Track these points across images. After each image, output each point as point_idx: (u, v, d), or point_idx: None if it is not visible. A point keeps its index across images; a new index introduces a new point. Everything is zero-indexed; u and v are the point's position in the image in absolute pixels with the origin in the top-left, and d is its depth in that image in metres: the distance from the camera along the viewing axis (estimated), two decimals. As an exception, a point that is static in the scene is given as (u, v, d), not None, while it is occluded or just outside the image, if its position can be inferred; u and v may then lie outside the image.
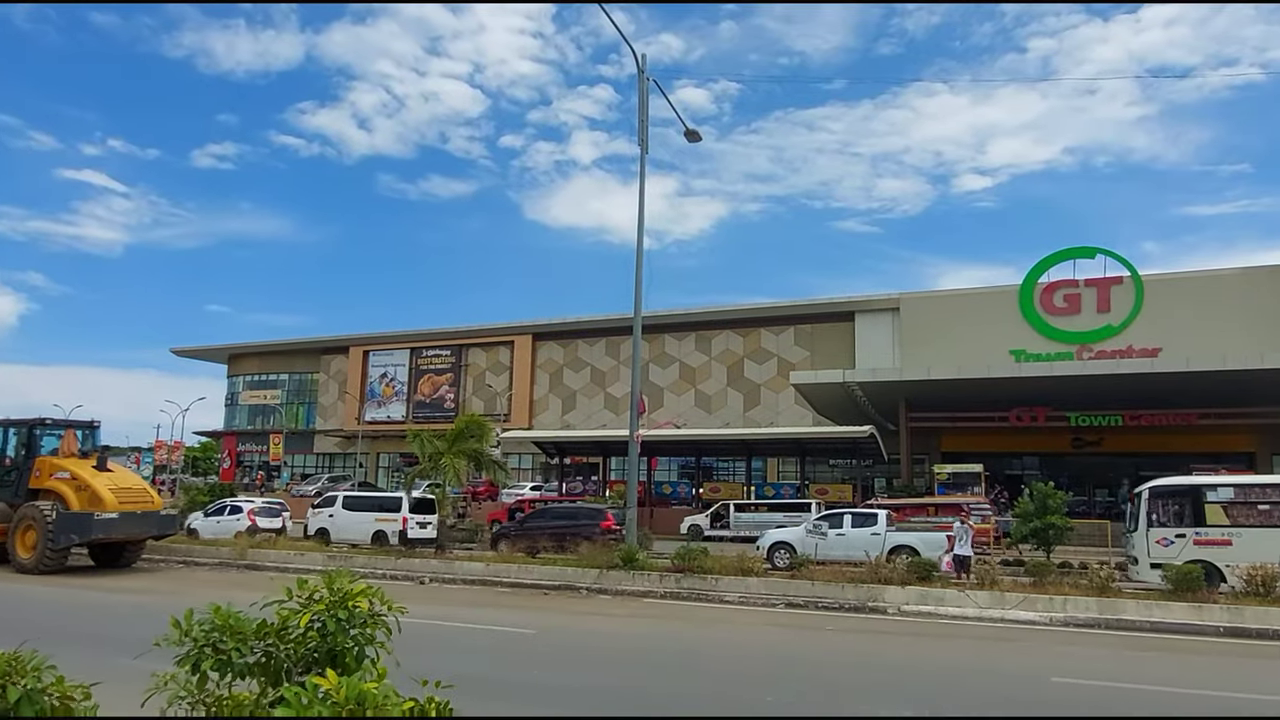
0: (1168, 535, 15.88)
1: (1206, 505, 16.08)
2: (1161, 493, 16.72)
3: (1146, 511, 16.32)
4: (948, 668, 9.77)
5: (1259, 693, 8.51)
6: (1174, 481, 17.20)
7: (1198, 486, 16.71)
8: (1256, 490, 16.38)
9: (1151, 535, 16.05)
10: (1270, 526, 15.47)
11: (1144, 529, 16.21)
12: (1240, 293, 35.83)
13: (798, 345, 44.71)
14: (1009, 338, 38.36)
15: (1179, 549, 15.55)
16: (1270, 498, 16.03)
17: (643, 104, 19.12)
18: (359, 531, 23.65)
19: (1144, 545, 16.07)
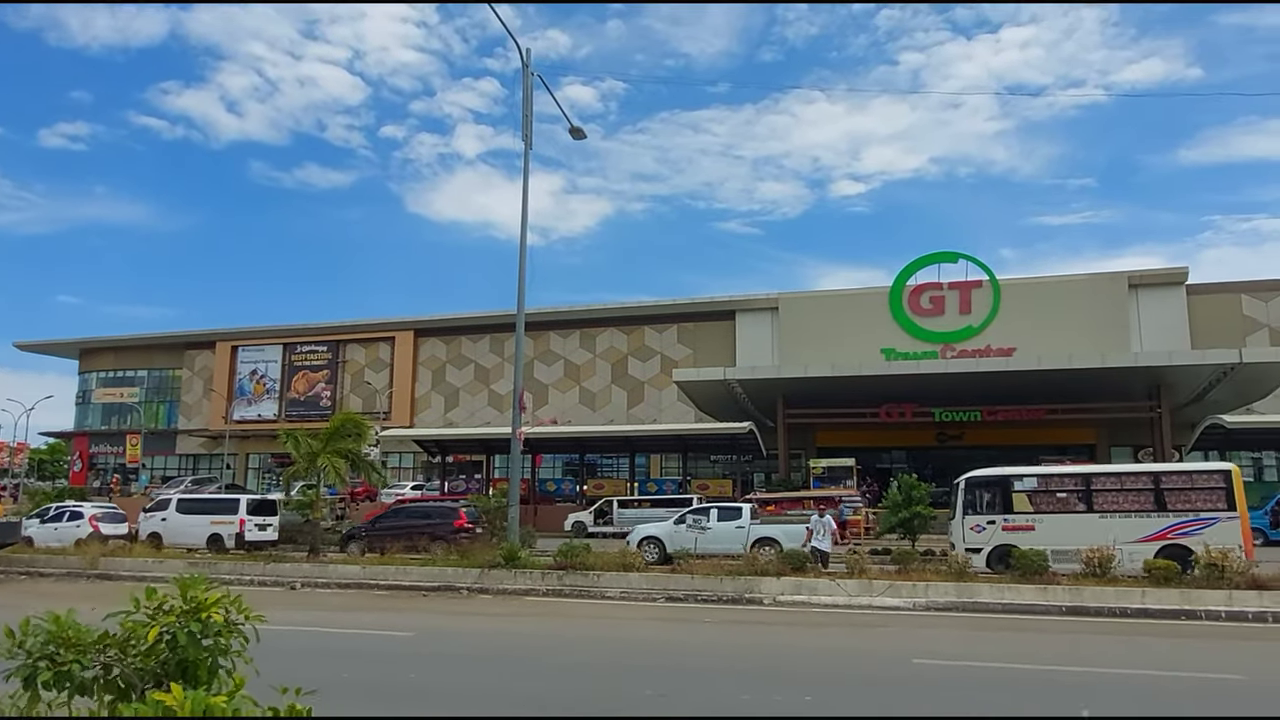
0: (980, 522, 17.14)
1: (1014, 494, 17.36)
2: (975, 483, 17.94)
3: (962, 500, 17.56)
4: (818, 653, 10.18)
5: (1095, 665, 9.23)
6: (985, 473, 18.43)
7: (1006, 477, 17.91)
8: (1056, 480, 17.78)
9: (966, 522, 17.28)
10: (1067, 513, 16.88)
11: (960, 516, 17.43)
12: (1085, 297, 38.77)
13: (681, 343, 45.40)
14: (880, 337, 40.17)
15: (989, 535, 16.86)
16: (1067, 486, 17.44)
17: (527, 99, 18.98)
18: (193, 535, 22.57)
19: (960, 531, 17.32)
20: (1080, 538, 15.60)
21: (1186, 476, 17.30)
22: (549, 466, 43.34)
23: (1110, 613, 12.80)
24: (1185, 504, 16.39)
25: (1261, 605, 12.44)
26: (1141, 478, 17.34)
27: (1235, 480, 16.39)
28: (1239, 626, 11.99)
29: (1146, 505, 16.58)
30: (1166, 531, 16.11)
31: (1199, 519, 16.06)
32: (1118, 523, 16.30)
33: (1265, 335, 37.17)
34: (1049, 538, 16.06)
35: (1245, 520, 16.17)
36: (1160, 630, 11.69)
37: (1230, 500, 16.20)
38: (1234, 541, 15.35)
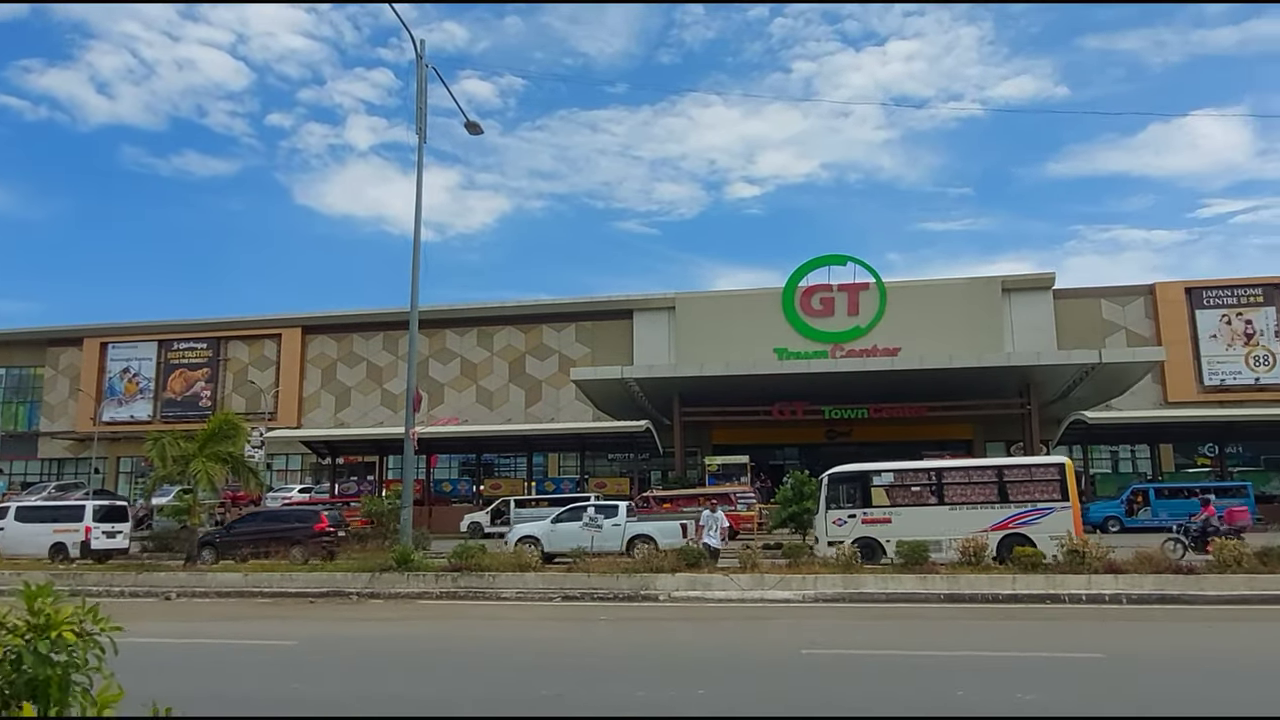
0: (841, 516, 17.98)
1: (873, 488, 18.24)
2: (837, 479, 18.72)
3: (825, 496, 18.32)
4: (712, 647, 10.35)
5: (970, 649, 9.72)
6: (846, 469, 19.28)
7: (865, 472, 18.75)
8: (910, 475, 18.66)
9: (829, 516, 18.05)
10: (921, 505, 17.87)
11: (823, 511, 18.19)
12: (964, 300, 40.77)
13: (579, 342, 45.32)
14: (773, 337, 41.18)
15: (850, 528, 17.67)
16: (921, 481, 18.40)
17: (421, 91, 18.56)
18: (35, 545, 21.18)
19: (823, 525, 18.07)
20: (933, 528, 16.62)
21: (1026, 470, 18.40)
22: (445, 467, 42.53)
23: (984, 599, 13.49)
24: (1025, 495, 17.60)
25: (1117, 588, 13.37)
26: (986, 471, 18.55)
27: (1068, 473, 17.71)
28: (1097, 608, 12.85)
29: (991, 497, 17.73)
30: (1009, 521, 17.28)
31: (1037, 509, 17.31)
32: (966, 513, 17.43)
33: (1123, 337, 39.99)
34: (905, 529, 16.97)
35: (1076, 509, 17.57)
36: (1029, 614, 12.41)
37: (1064, 491, 17.49)
38: (1066, 529, 16.70)
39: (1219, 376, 39.36)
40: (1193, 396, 38.80)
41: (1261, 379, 39.07)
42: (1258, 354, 39.32)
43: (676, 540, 19.73)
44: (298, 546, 19.23)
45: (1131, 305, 40.97)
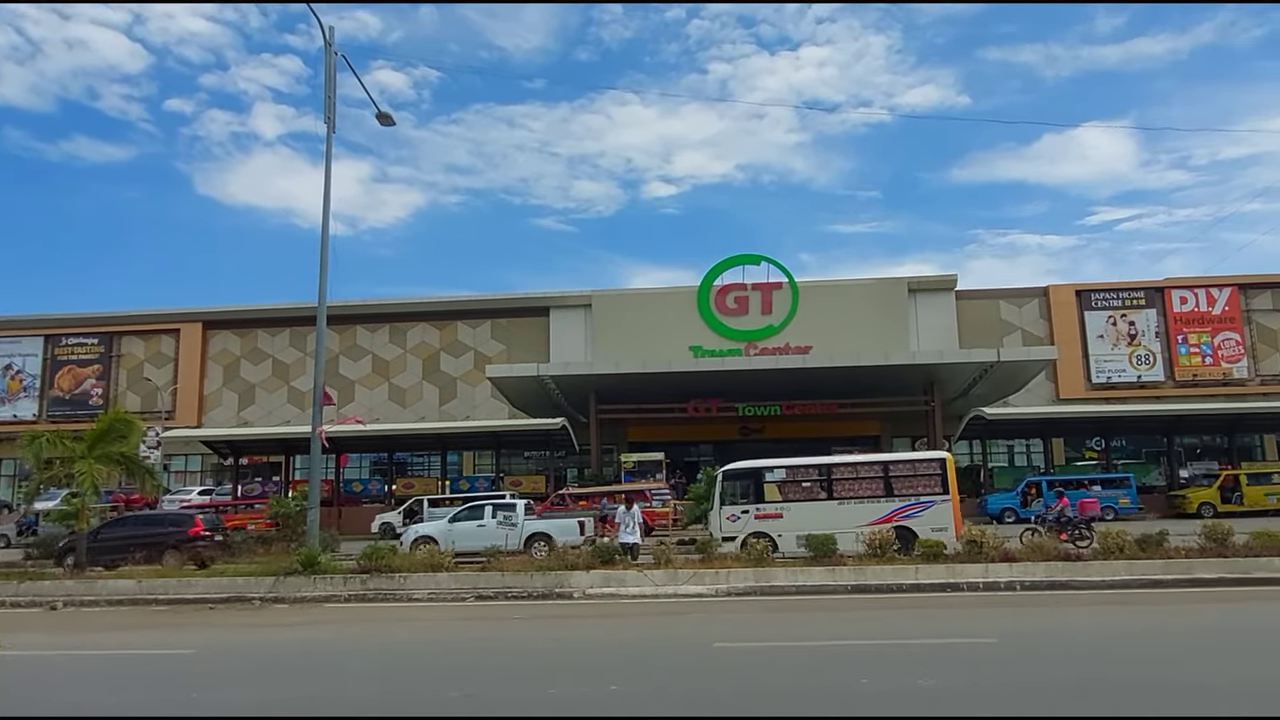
0: (735, 512, 18.45)
1: (765, 485, 18.75)
2: (732, 475, 19.15)
3: (719, 492, 18.72)
4: (625, 643, 10.40)
5: (876, 638, 10.04)
6: (740, 466, 19.73)
7: (758, 469, 19.20)
8: (801, 471, 19.18)
9: (723, 512, 18.46)
10: (811, 500, 18.44)
11: (717, 507, 18.59)
12: (872, 300, 42.04)
13: (494, 339, 44.88)
14: (689, 335, 41.63)
15: (744, 523, 18.15)
16: (811, 476, 18.98)
17: (329, 79, 18.04)
18: None
19: (717, 521, 18.46)
20: (823, 523, 17.07)
21: (910, 465, 19.10)
22: (355, 466, 41.49)
23: (889, 589, 13.95)
24: (909, 489, 18.36)
25: (1011, 575, 14.03)
26: (873, 467, 19.15)
27: (949, 468, 18.54)
28: (994, 595, 13.46)
29: (877, 491, 18.44)
30: (894, 514, 18.02)
31: (920, 502, 18.12)
32: (854, 508, 18.10)
33: (1019, 337, 41.93)
34: (796, 524, 17.51)
35: (955, 502, 18.41)
36: (931, 602, 12.89)
37: (945, 485, 18.32)
38: (948, 521, 17.63)
39: (1105, 375, 41.70)
40: (1082, 393, 41.00)
41: (1143, 377, 41.58)
42: (1140, 353, 41.83)
43: (574, 538, 19.91)
44: (171, 552, 18.49)
45: (1027, 306, 42.99)
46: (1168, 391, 40.85)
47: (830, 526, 16.61)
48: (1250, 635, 9.90)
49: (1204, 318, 41.86)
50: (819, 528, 16.62)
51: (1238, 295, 42.04)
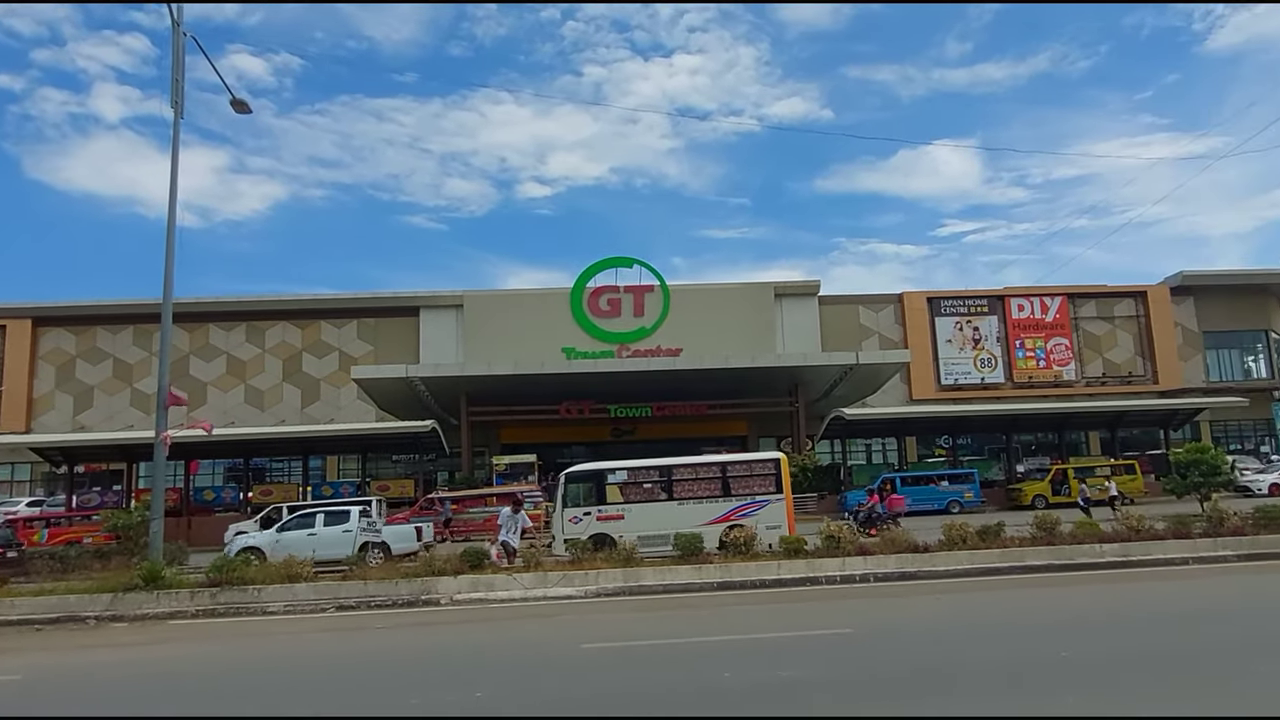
0: (577, 514, 18.63)
1: (607, 486, 19.00)
2: (573, 477, 19.28)
3: (561, 495, 18.87)
4: (492, 647, 10.28)
5: (738, 633, 10.32)
6: (582, 468, 19.97)
7: (600, 471, 19.49)
8: (643, 472, 19.49)
9: (565, 515, 18.60)
10: (653, 501, 18.85)
11: (560, 509, 18.74)
12: (740, 304, 43.25)
13: (361, 339, 43.40)
14: (562, 336, 41.58)
15: (586, 525, 18.41)
16: (653, 477, 19.32)
17: (177, 61, 16.94)
18: None
19: (559, 524, 18.60)
20: (664, 523, 17.56)
21: (746, 465, 19.60)
22: (208, 473, 39.19)
23: (754, 585, 14.36)
24: (746, 489, 18.96)
25: (866, 568, 14.75)
26: (712, 468, 19.60)
27: (783, 467, 19.24)
28: (850, 587, 14.11)
29: (716, 491, 18.96)
30: (731, 513, 18.59)
31: (755, 501, 18.75)
32: (693, 508, 18.57)
33: (876, 341, 44.13)
34: (638, 525, 17.86)
35: (789, 501, 19.10)
36: (792, 596, 13.38)
37: (779, 484, 18.99)
38: (781, 519, 18.32)
39: (953, 376, 44.51)
40: (932, 394, 43.60)
41: (985, 379, 44.63)
42: (983, 357, 44.89)
43: (410, 544, 19.62)
44: None
45: (884, 312, 45.31)
46: (1007, 392, 44.03)
47: (671, 526, 16.99)
48: (1073, 616, 10.78)
49: (1038, 324, 45.35)
50: (660, 528, 17.06)
51: (1067, 304, 45.79)
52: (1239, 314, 46.81)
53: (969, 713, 6.20)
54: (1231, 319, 46.69)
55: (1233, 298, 46.79)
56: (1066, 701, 6.40)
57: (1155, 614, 10.74)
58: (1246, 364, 47.46)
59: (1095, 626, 9.87)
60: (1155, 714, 6.06)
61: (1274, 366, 47.47)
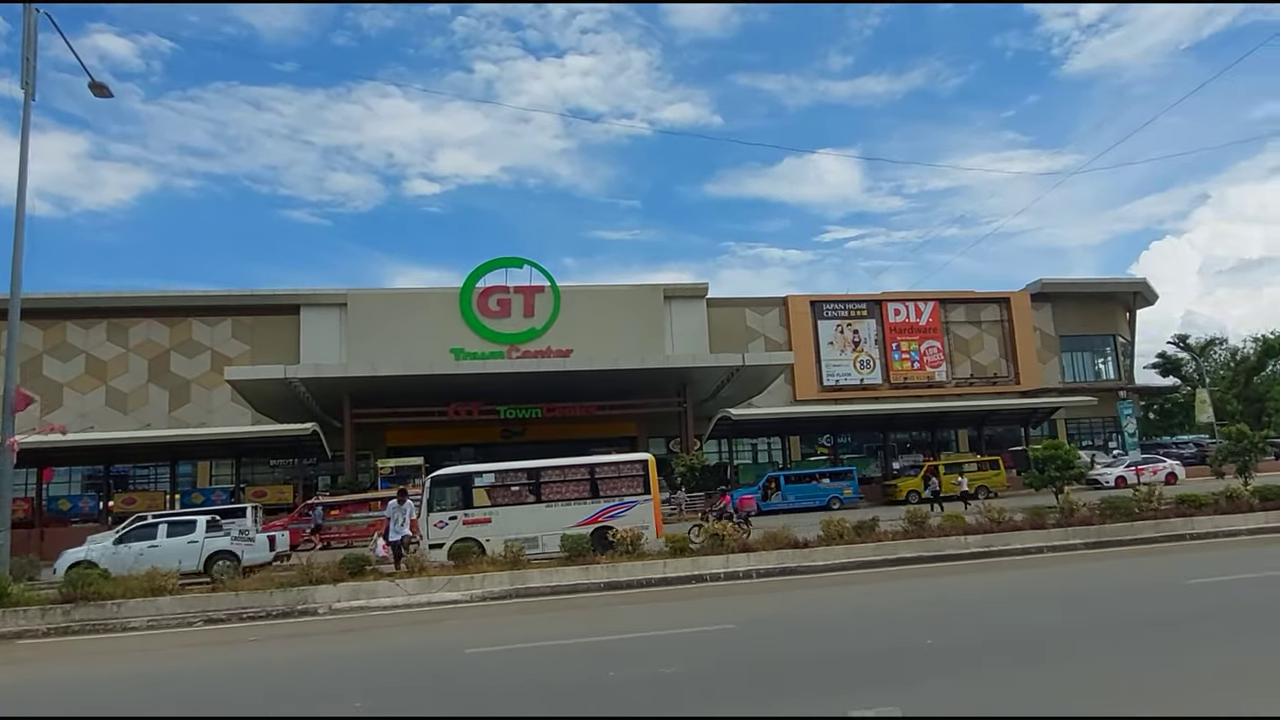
0: (443, 518, 18.32)
1: (474, 489, 18.72)
2: (439, 481, 18.94)
3: (427, 499, 18.54)
4: (372, 656, 10.02)
5: (623, 632, 10.42)
6: (449, 471, 19.63)
7: (467, 474, 19.19)
8: (511, 475, 19.27)
9: (431, 519, 18.26)
10: (520, 504, 18.72)
11: (425, 514, 18.37)
12: (630, 305, 43.59)
13: (236, 339, 41.43)
14: (450, 337, 40.87)
15: (452, 530, 18.20)
16: (520, 480, 19.13)
17: (29, 39, 15.78)
18: None
19: (425, 529, 18.21)
20: (531, 526, 17.54)
21: (614, 467, 19.53)
22: (64, 481, 36.59)
23: (640, 584, 14.51)
24: (613, 491, 19.01)
25: (749, 565, 15.14)
26: (580, 469, 19.49)
27: (651, 469, 19.35)
28: (733, 584, 14.44)
29: (584, 493, 18.97)
30: (599, 515, 18.63)
31: (623, 503, 18.82)
32: (561, 510, 18.54)
33: (762, 343, 45.33)
34: (504, 528, 17.69)
35: (657, 501, 19.19)
36: (678, 594, 13.58)
37: (647, 485, 19.11)
38: (649, 520, 18.39)
39: (835, 378, 46.20)
40: (815, 395, 45.13)
41: (864, 380, 46.54)
42: (862, 359, 46.80)
43: (263, 554, 18.88)
44: None
45: (769, 315, 46.60)
46: (884, 392, 46.06)
47: (538, 529, 17.06)
48: (939, 605, 11.39)
49: (913, 328, 47.63)
50: (527, 531, 16.97)
51: (939, 309, 48.28)
52: (1090, 320, 50.53)
53: (840, 700, 6.48)
54: (1084, 324, 50.34)
55: (1085, 305, 50.46)
56: (931, 686, 6.77)
57: (1014, 600, 11.47)
58: (1097, 366, 51.27)
59: (959, 615, 10.47)
60: (1013, 694, 6.48)
61: (1120, 368, 51.47)
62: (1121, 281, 53.11)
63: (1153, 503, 17.85)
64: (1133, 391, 49.62)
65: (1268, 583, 11.17)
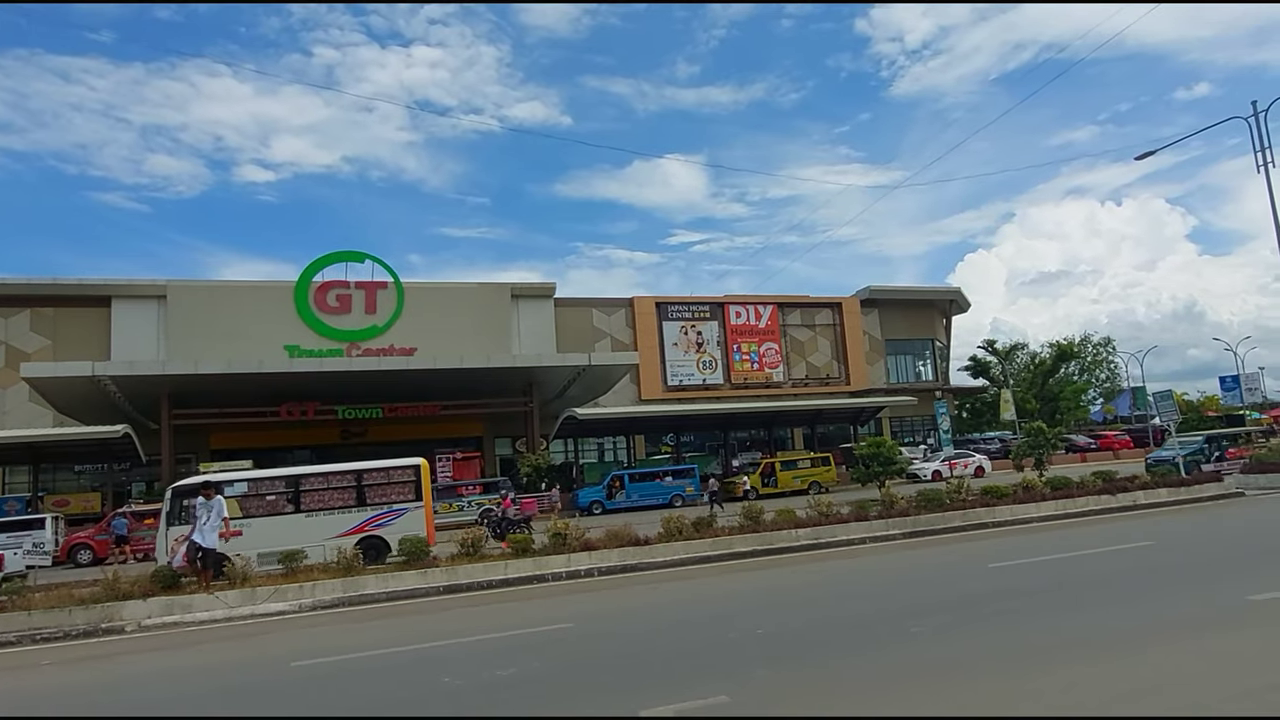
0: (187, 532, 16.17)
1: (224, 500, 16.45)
2: (180, 491, 17.70)
3: (166, 511, 17.44)
4: (182, 674, 9.39)
5: (461, 636, 10.24)
6: (192, 480, 18.49)
7: (216, 483, 16.69)
8: (266, 483, 18.24)
9: (170, 533, 17.08)
10: (277, 514, 17.69)
11: (164, 528, 17.28)
12: (477, 304, 42.92)
13: (36, 332, 37.62)
14: (284, 333, 38.80)
15: None
16: (278, 489, 18.11)
17: None
18: None
19: (163, 544, 17.12)
20: (289, 538, 16.45)
21: (384, 473, 18.77)
22: None
23: (481, 586, 14.34)
24: (382, 498, 18.37)
25: (591, 563, 15.28)
26: (345, 476, 18.53)
27: (423, 474, 18.78)
28: (575, 583, 14.52)
29: (349, 502, 18.13)
30: (365, 524, 18.00)
31: (392, 510, 18.20)
32: (323, 520, 17.74)
33: (609, 343, 45.82)
34: (258, 540, 16.64)
35: (429, 508, 18.62)
36: (519, 595, 13.51)
37: (419, 492, 18.53)
38: (420, 528, 17.79)
39: (679, 378, 47.34)
40: (660, 394, 46.07)
41: (707, 380, 47.97)
42: (705, 359, 48.21)
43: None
44: None
45: (616, 315, 47.15)
46: (725, 392, 47.65)
47: (297, 541, 16.03)
48: (770, 596, 11.93)
49: (753, 330, 49.54)
50: (285, 543, 15.90)
51: (777, 312, 50.47)
52: (912, 324, 54.34)
53: (674, 692, 6.66)
54: (907, 329, 54.07)
55: (908, 310, 54.21)
56: (758, 674, 7.08)
57: (839, 588, 12.17)
58: (918, 368, 55.18)
59: (790, 605, 11.00)
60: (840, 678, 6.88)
61: (938, 370, 55.64)
62: (940, 290, 57.45)
63: (961, 494, 19.46)
64: (947, 392, 53.82)
65: (1055, 564, 12.40)
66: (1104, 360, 76.81)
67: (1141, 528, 16.29)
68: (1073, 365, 71.67)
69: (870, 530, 17.46)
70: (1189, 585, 10.08)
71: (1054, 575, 11.39)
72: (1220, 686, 5.85)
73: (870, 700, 6.14)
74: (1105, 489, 20.22)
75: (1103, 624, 8.13)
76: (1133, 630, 7.78)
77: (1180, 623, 7.98)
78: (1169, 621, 8.05)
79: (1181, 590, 9.82)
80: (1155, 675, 6.25)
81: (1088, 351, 75.63)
